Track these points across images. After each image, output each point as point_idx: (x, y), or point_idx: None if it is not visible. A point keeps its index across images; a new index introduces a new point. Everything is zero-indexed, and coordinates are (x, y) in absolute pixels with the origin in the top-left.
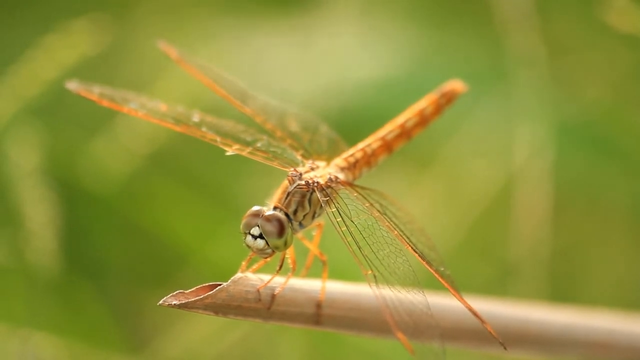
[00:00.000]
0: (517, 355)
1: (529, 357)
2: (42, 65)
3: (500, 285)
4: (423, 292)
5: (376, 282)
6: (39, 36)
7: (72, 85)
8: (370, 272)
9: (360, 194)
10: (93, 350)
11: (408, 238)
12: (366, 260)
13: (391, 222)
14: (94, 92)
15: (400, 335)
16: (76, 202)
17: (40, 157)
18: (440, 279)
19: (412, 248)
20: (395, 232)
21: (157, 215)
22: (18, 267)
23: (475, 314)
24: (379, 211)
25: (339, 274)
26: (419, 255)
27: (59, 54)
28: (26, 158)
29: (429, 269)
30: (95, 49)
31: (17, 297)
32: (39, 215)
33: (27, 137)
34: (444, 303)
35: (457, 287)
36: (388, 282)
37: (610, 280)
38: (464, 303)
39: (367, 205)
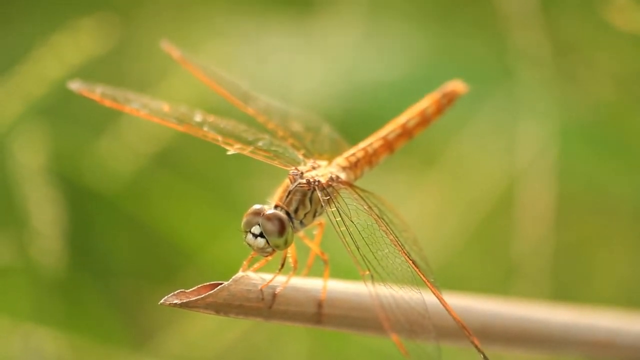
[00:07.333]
0: (520, 354)
1: (531, 356)
2: (48, 64)
3: (503, 283)
4: (421, 293)
5: (373, 282)
6: (45, 35)
7: (75, 85)
8: (367, 272)
9: (360, 195)
10: (96, 346)
11: (402, 246)
12: (364, 261)
13: (387, 228)
14: (96, 92)
15: (395, 337)
16: (81, 201)
17: (46, 157)
18: (432, 289)
19: (406, 255)
20: (391, 237)
21: (161, 214)
22: (23, 266)
23: (462, 325)
24: (377, 215)
25: (340, 273)
26: (412, 263)
27: (66, 54)
28: (32, 157)
29: (422, 277)
30: (101, 49)
31: (22, 294)
32: (44, 214)
33: (32, 137)
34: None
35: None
36: (385, 283)
37: (613, 279)
38: (454, 316)
39: (366, 207)
